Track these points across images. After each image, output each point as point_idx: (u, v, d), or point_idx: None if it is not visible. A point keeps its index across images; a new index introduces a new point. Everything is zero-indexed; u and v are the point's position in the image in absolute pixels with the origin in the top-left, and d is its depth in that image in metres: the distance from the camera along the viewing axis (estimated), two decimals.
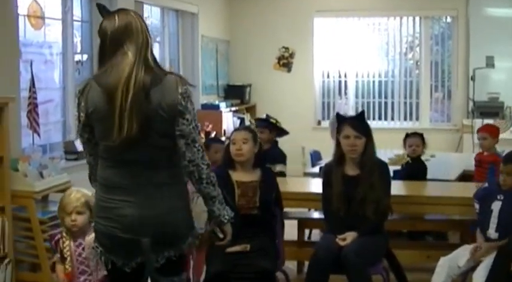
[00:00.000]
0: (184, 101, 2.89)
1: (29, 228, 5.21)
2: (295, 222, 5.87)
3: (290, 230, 5.77)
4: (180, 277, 3.09)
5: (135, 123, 2.82)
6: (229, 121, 9.33)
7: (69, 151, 6.64)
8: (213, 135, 8.30)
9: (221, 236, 3.12)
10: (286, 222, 5.79)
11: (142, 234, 2.92)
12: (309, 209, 6.22)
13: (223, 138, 8.37)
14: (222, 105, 9.32)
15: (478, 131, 6.51)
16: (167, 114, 2.88)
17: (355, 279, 4.33)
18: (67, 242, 3.83)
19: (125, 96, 2.83)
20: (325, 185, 4.74)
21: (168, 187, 2.96)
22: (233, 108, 9.64)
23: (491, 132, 6.34)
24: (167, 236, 2.95)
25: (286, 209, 5.81)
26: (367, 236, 4.48)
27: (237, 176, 4.61)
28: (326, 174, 4.78)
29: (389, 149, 7.34)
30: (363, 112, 4.95)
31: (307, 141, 9.07)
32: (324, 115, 10.82)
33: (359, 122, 4.67)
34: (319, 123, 10.63)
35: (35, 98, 5.80)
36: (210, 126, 8.67)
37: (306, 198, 5.47)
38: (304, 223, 5.86)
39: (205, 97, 9.46)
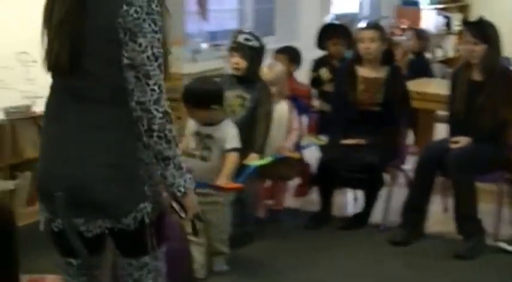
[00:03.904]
0: (136, 16, 2.21)
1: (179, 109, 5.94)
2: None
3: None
4: (140, 260, 2.46)
5: (65, 46, 2.27)
6: (430, 20, 9.31)
7: None
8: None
9: (182, 215, 2.41)
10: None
11: (56, 186, 2.35)
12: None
13: None
14: (425, 2, 9.32)
15: None
16: (110, 34, 2.24)
17: (454, 183, 4.58)
18: None
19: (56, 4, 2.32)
20: (451, 88, 4.93)
21: (104, 132, 2.32)
22: (439, 6, 9.57)
23: None
24: (89, 198, 2.32)
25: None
26: (483, 144, 4.62)
27: (362, 71, 5.02)
28: (453, 77, 4.97)
29: None
30: (481, 19, 4.95)
31: None
32: None
33: (479, 28, 4.75)
34: None
35: None
36: (406, 24, 8.80)
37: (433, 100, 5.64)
38: None
39: None
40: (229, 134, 4.04)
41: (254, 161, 4.28)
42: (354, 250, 4.60)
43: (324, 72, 5.51)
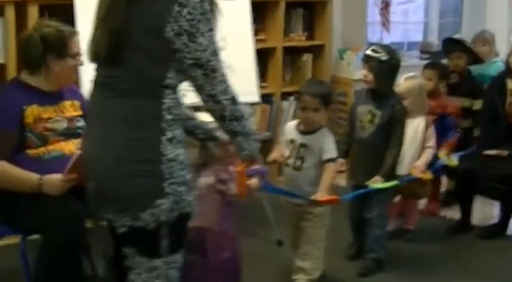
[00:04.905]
0: (190, 17, 2.32)
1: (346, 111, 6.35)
2: None
3: None
4: (151, 261, 2.49)
5: (106, 39, 2.41)
6: None
7: (425, 51, 7.56)
8: None
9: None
10: None
11: (90, 176, 2.53)
12: None
13: None
14: None
15: None
16: (155, 31, 2.34)
17: None
18: None
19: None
20: None
21: (126, 125, 2.39)
22: None
23: None
24: (109, 191, 2.42)
25: None
26: None
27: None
28: None
29: None
30: None
31: None
32: None
33: None
34: None
35: None
36: None
37: None
38: None
39: None
40: (327, 143, 3.84)
41: (377, 183, 4.15)
42: (485, 259, 4.64)
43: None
